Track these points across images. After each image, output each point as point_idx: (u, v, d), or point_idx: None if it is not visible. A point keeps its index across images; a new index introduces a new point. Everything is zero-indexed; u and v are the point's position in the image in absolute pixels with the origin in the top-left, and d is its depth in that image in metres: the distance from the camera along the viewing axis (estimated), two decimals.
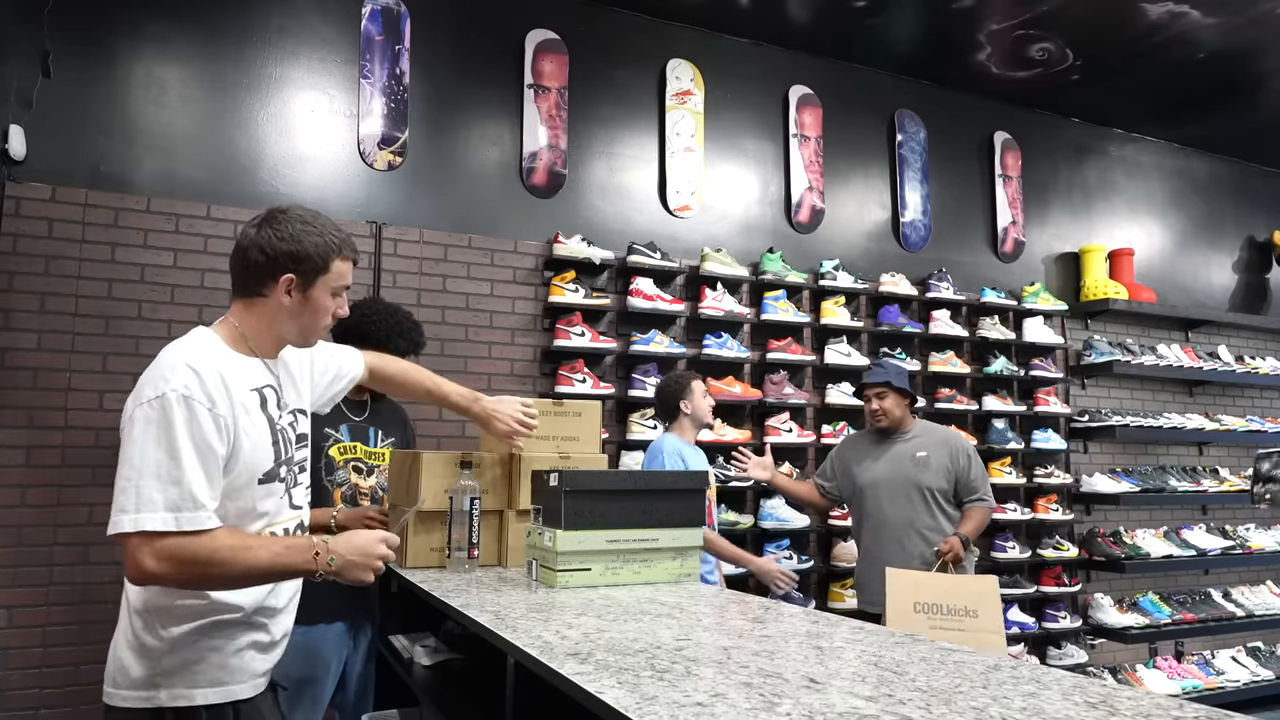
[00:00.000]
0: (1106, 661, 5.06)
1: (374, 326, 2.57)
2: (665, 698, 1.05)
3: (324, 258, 1.59)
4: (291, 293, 1.59)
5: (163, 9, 3.34)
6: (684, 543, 2.00)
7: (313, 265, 1.59)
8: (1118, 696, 1.07)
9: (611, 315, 4.00)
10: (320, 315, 1.63)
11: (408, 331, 2.65)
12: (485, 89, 3.91)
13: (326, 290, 1.62)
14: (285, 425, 1.64)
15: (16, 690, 2.91)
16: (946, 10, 4.25)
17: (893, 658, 1.28)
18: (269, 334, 1.63)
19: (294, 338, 1.66)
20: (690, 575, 2.01)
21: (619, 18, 4.22)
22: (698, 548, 2.04)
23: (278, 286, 1.58)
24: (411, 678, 2.09)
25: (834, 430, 4.32)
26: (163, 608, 1.49)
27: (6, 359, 3.01)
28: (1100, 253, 5.42)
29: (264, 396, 1.59)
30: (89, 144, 3.19)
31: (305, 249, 1.58)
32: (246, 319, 1.61)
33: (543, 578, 1.95)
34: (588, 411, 2.39)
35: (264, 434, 1.57)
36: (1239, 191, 6.27)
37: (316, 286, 1.60)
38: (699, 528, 2.03)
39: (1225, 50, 4.57)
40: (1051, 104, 5.34)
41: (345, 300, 1.68)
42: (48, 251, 3.09)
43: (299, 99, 3.55)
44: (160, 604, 1.49)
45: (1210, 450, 5.79)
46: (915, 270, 4.79)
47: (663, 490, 2.01)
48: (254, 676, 1.58)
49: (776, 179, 4.55)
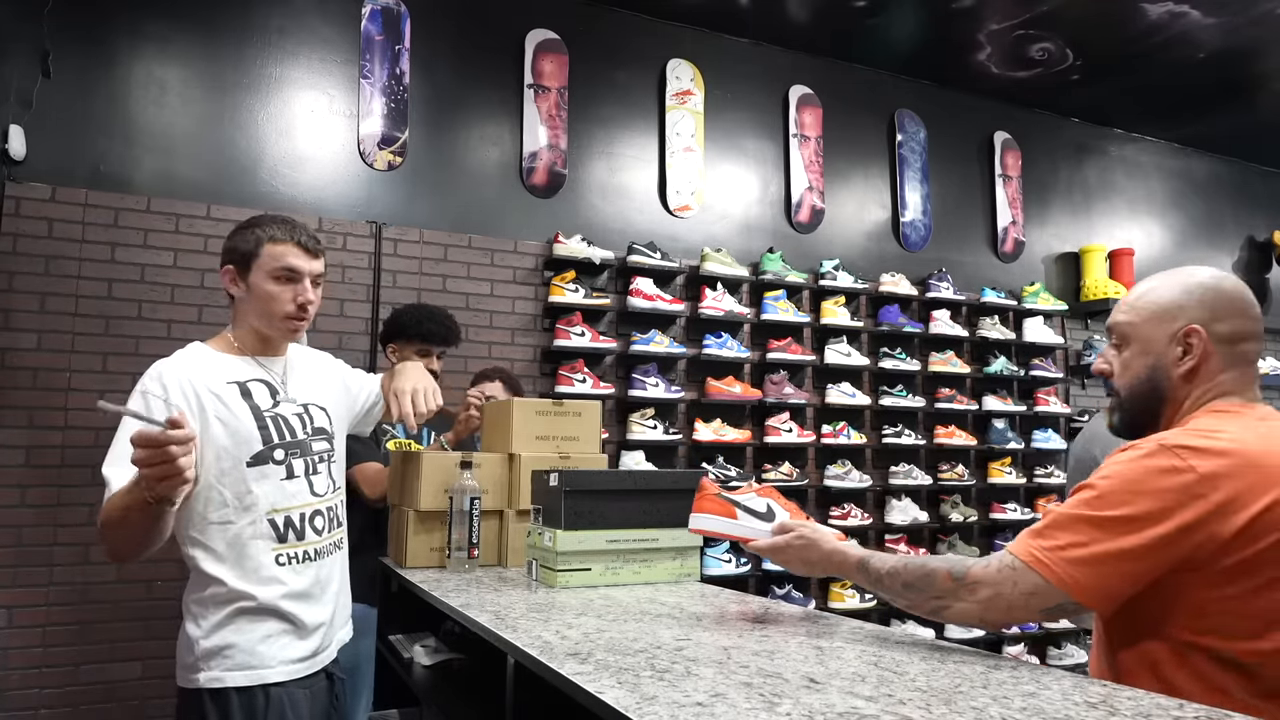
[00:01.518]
0: None
1: (406, 317, 2.80)
2: (665, 698, 1.05)
3: (255, 244, 1.73)
4: (237, 283, 1.75)
5: (163, 9, 3.34)
6: (684, 542, 2.00)
7: (244, 254, 1.73)
8: (1118, 696, 1.07)
9: (611, 315, 4.00)
10: (269, 301, 1.74)
11: (437, 317, 2.82)
12: (485, 89, 3.91)
13: (265, 275, 1.73)
14: (287, 415, 1.75)
15: (16, 690, 2.91)
16: (946, 10, 4.25)
17: (893, 658, 1.28)
18: (245, 329, 1.78)
19: (264, 327, 1.77)
20: (690, 575, 2.01)
21: (619, 18, 4.22)
22: (697, 548, 2.04)
23: (226, 281, 1.76)
24: (411, 678, 2.09)
25: (834, 430, 4.32)
26: (198, 598, 1.65)
27: (6, 359, 3.01)
28: (1100, 253, 5.42)
29: (247, 388, 1.72)
30: (89, 144, 3.19)
31: (235, 242, 1.75)
32: (232, 323, 1.80)
33: (543, 578, 1.95)
34: (588, 411, 2.38)
35: (245, 420, 1.68)
36: (1239, 191, 6.27)
37: (254, 273, 1.73)
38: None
39: (1225, 50, 4.57)
40: (1051, 104, 5.35)
41: (307, 287, 1.76)
42: (48, 251, 3.09)
43: (299, 99, 3.55)
44: (195, 595, 1.65)
45: None
46: (915, 270, 4.79)
47: (663, 490, 2.01)
48: (286, 663, 1.66)
49: (776, 179, 4.55)
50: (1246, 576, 1.13)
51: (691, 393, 4.09)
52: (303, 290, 1.75)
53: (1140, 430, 1.33)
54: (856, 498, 4.41)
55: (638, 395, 3.86)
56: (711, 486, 1.65)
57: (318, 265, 1.78)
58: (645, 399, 3.88)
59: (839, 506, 4.32)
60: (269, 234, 1.73)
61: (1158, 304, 1.33)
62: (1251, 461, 1.16)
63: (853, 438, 4.37)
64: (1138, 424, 1.35)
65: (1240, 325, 1.30)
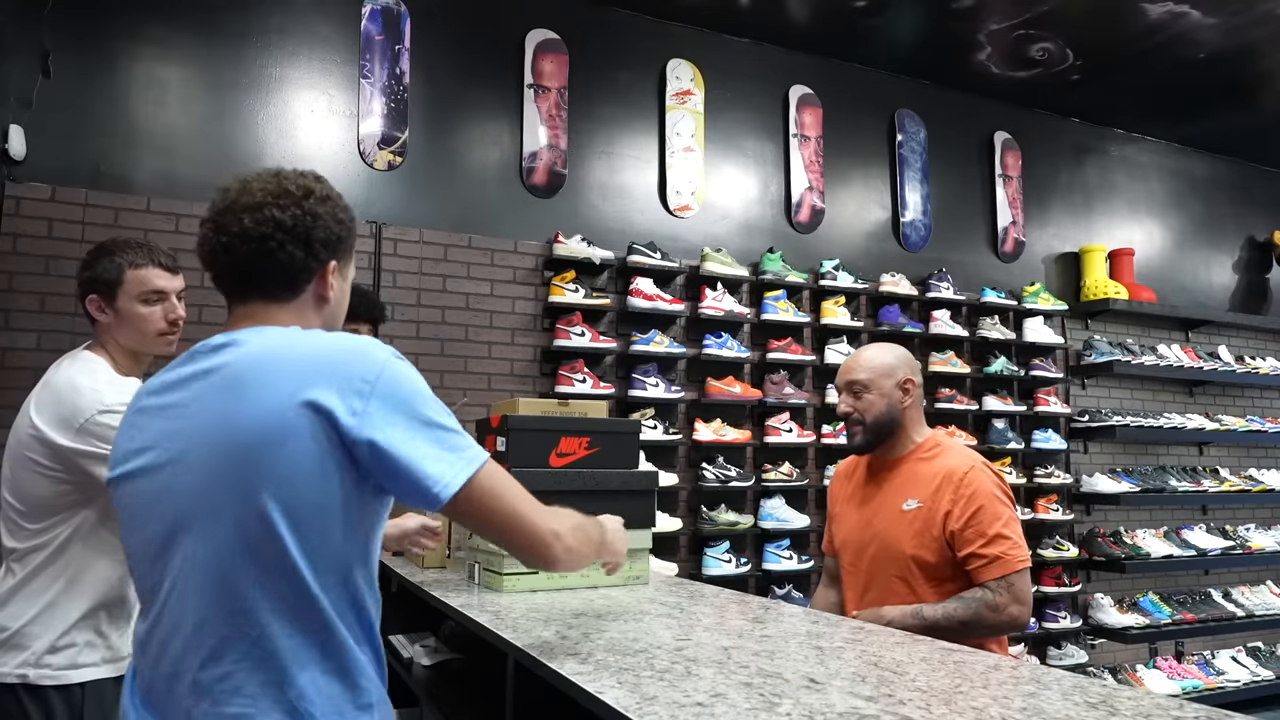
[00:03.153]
0: (1106, 662, 5.06)
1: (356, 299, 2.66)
2: (665, 698, 1.05)
3: (118, 272, 1.80)
4: (104, 310, 1.81)
5: (163, 9, 3.34)
6: (634, 545, 1.96)
7: (108, 282, 1.79)
8: (1118, 696, 1.07)
9: (611, 315, 4.00)
10: (142, 321, 1.81)
11: (371, 297, 2.68)
12: (485, 89, 3.91)
13: (132, 299, 1.80)
14: None
15: None
16: (946, 10, 4.25)
17: (893, 658, 1.28)
18: (118, 350, 1.83)
19: (138, 345, 1.84)
20: (640, 578, 1.99)
21: (619, 18, 4.22)
22: (647, 550, 2.02)
23: (93, 309, 1.81)
24: (411, 678, 2.09)
25: (834, 430, 4.32)
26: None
27: (6, 359, 3.01)
28: (1100, 253, 5.42)
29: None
30: (89, 144, 3.19)
31: (96, 272, 1.80)
32: (102, 346, 1.84)
33: (487, 581, 1.91)
34: (593, 412, 2.38)
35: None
36: (1239, 191, 6.26)
37: (120, 299, 1.80)
38: (649, 529, 2.02)
39: (1225, 50, 4.57)
40: (1051, 104, 5.34)
41: (175, 304, 1.85)
42: (48, 251, 3.08)
43: (299, 99, 3.55)
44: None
45: (1210, 450, 5.79)
46: (915, 270, 4.79)
47: (613, 491, 1.99)
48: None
49: (776, 179, 4.55)
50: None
51: (691, 393, 4.09)
52: (172, 308, 1.85)
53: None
54: None
55: (638, 395, 3.86)
56: None
57: (178, 282, 1.88)
58: (645, 399, 3.88)
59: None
60: (129, 260, 1.81)
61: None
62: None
63: None
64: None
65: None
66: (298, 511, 1.03)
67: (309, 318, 1.21)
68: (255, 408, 1.04)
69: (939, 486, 1.99)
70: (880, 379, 2.10)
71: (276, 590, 1.03)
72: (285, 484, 1.02)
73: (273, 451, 1.02)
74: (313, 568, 1.04)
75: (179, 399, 1.11)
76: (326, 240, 1.20)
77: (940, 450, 2.09)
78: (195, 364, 1.12)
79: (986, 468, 2.02)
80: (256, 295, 1.18)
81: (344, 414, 1.04)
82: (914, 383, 2.13)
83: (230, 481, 1.03)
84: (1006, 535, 1.92)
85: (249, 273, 1.16)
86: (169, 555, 1.06)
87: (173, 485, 1.07)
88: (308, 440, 1.03)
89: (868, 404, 2.10)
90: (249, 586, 1.03)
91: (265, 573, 1.03)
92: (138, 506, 1.11)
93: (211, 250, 1.17)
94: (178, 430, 1.09)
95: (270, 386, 1.05)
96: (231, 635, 1.03)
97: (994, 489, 1.97)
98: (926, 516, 1.98)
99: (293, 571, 1.03)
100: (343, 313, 1.29)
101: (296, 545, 1.03)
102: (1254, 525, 5.69)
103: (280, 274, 1.17)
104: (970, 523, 1.93)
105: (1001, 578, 1.89)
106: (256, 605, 1.03)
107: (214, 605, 1.03)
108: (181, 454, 1.07)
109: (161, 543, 1.07)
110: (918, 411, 2.16)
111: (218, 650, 1.02)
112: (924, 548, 1.97)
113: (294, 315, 1.19)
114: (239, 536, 1.02)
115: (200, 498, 1.05)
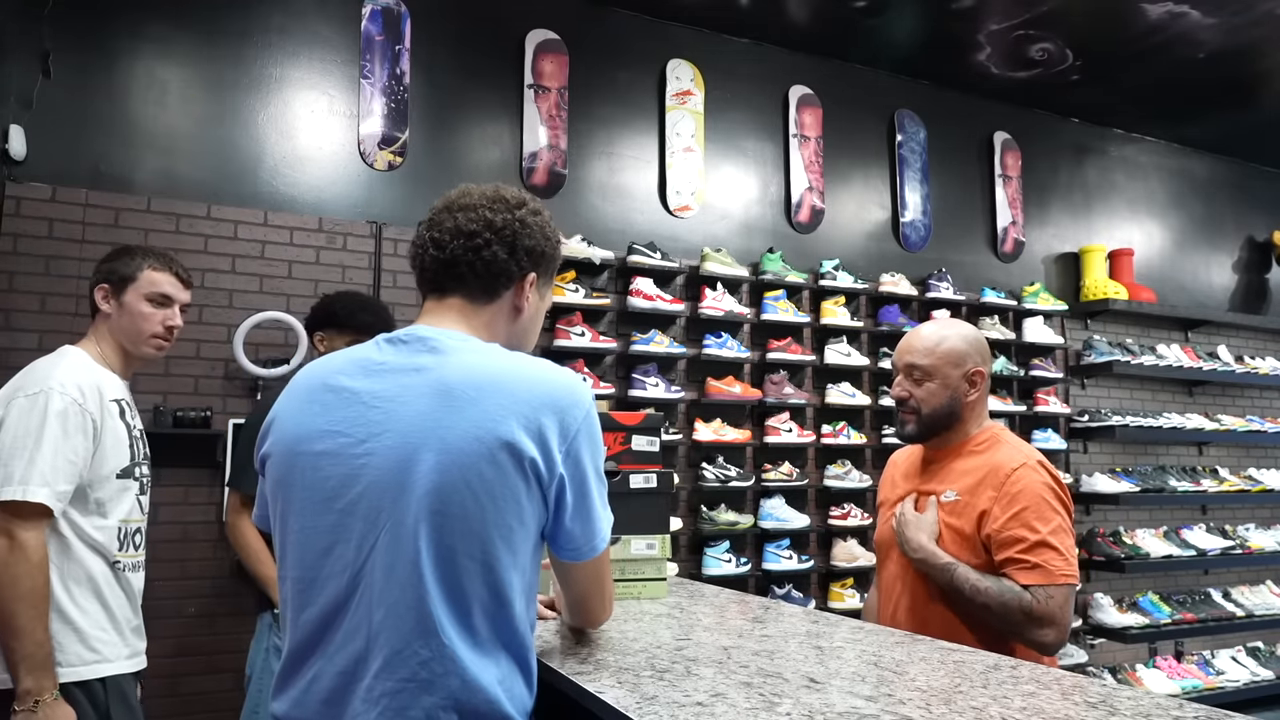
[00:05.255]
0: (1106, 661, 5.06)
1: (339, 305, 2.59)
2: (665, 698, 1.05)
3: (135, 269, 1.89)
4: (109, 300, 1.88)
5: (163, 9, 3.34)
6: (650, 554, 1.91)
7: (123, 275, 1.88)
8: (1118, 696, 1.07)
9: (611, 315, 4.00)
10: (140, 319, 1.88)
11: (371, 307, 2.63)
12: (485, 89, 3.91)
13: (139, 296, 1.88)
14: (138, 436, 1.92)
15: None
16: (946, 10, 4.25)
17: (893, 658, 1.28)
18: (109, 346, 1.89)
19: (128, 344, 1.90)
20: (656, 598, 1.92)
21: (619, 18, 4.22)
22: (665, 558, 1.96)
23: (99, 298, 1.89)
24: None
25: (834, 430, 4.32)
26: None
27: (6, 359, 3.01)
28: (1100, 253, 5.42)
29: (121, 406, 1.88)
30: (89, 144, 3.19)
31: (115, 265, 1.90)
32: (95, 337, 1.90)
33: None
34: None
35: (122, 435, 1.84)
36: (1239, 191, 6.27)
37: (128, 294, 1.88)
38: (664, 534, 1.89)
39: (1225, 50, 4.57)
40: (1051, 104, 5.34)
41: (176, 313, 1.94)
42: (48, 251, 3.08)
43: (299, 99, 3.55)
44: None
45: (1210, 450, 5.80)
46: (915, 270, 4.79)
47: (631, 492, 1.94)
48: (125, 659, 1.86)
49: (776, 179, 4.55)
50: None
51: (691, 393, 4.09)
52: (171, 315, 1.93)
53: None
54: (856, 498, 4.41)
55: (638, 395, 3.86)
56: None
57: (186, 296, 1.97)
58: (645, 399, 3.88)
59: (839, 506, 4.31)
60: (149, 262, 1.91)
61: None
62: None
63: (853, 438, 4.37)
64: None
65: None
66: (494, 530, 1.06)
67: (500, 327, 1.23)
68: (468, 424, 1.05)
69: (981, 481, 1.76)
70: (946, 367, 1.83)
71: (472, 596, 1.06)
72: (481, 503, 1.04)
73: (476, 469, 1.04)
74: (509, 584, 1.07)
75: (383, 389, 1.09)
76: (531, 250, 1.22)
77: (993, 444, 1.84)
78: (399, 354, 1.12)
79: (1041, 467, 1.75)
80: (457, 292, 1.20)
81: (549, 448, 1.07)
82: (983, 374, 1.85)
83: (429, 489, 1.03)
84: (1052, 544, 1.66)
85: (453, 266, 1.19)
86: (352, 544, 1.06)
87: (363, 475, 1.06)
88: (508, 466, 1.05)
89: (927, 393, 1.84)
90: (433, 589, 1.04)
91: (449, 578, 1.05)
92: (318, 485, 1.08)
93: (422, 245, 1.21)
94: (378, 421, 1.08)
95: (482, 406, 1.06)
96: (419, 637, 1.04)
97: (1044, 490, 1.71)
98: (963, 512, 1.76)
99: (493, 579, 1.07)
100: (534, 334, 1.30)
101: (495, 559, 1.06)
102: (1254, 525, 5.69)
103: (482, 272, 1.19)
104: (1009, 525, 1.69)
105: (1041, 586, 1.64)
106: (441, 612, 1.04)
107: (403, 607, 1.03)
108: (383, 448, 1.06)
109: (344, 534, 1.06)
110: (983, 405, 1.89)
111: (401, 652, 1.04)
112: (956, 544, 1.75)
113: (488, 319, 1.21)
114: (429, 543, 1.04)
115: (395, 499, 1.04)
